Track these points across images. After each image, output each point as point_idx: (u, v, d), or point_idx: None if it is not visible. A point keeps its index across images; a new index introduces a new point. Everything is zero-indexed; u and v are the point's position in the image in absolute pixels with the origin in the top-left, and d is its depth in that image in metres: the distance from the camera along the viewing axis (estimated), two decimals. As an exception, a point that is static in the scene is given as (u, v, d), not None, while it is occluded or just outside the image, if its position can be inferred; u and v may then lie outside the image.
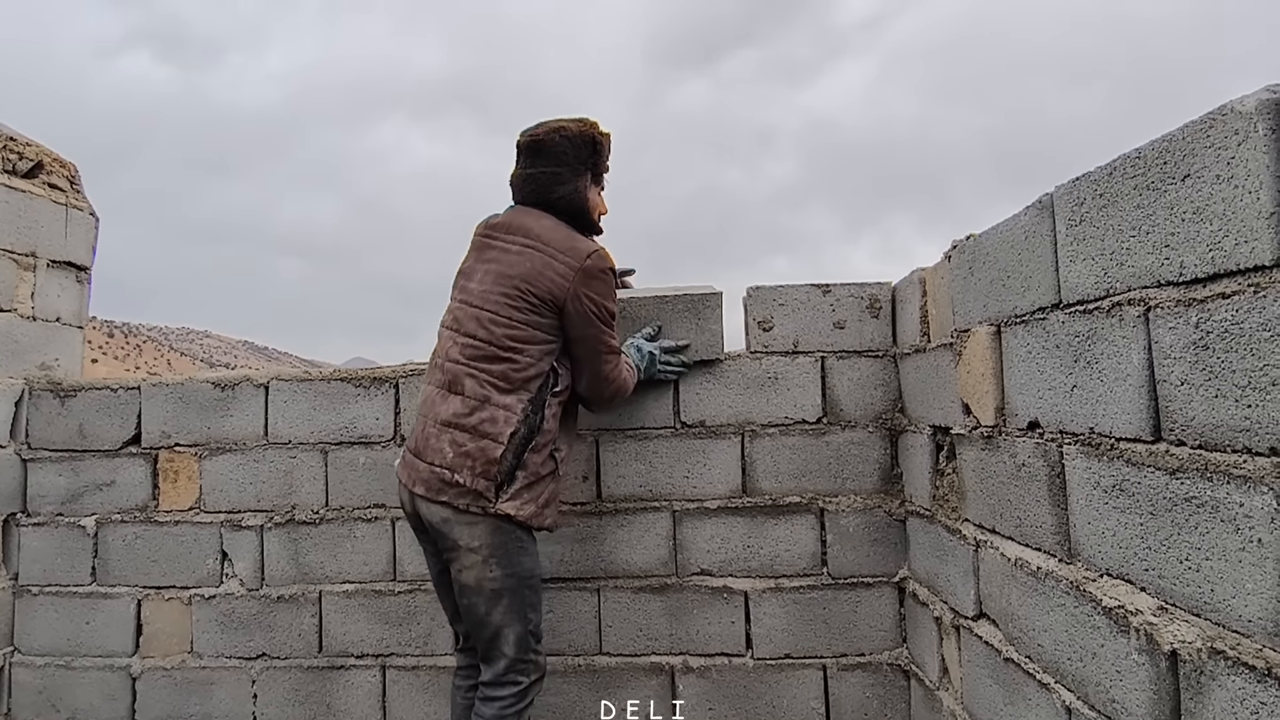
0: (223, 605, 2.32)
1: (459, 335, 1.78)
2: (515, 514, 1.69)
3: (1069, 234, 1.23)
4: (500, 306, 1.74)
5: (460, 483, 1.68)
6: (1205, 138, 0.91)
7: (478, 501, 1.68)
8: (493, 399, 1.71)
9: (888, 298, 2.18)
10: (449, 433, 1.72)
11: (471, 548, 1.69)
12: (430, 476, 1.71)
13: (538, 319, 1.74)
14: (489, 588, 1.69)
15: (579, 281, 1.74)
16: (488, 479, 1.68)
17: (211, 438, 2.37)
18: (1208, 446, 0.93)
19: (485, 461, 1.68)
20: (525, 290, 1.73)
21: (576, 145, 1.84)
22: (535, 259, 1.75)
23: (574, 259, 1.75)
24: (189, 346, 67.58)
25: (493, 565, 1.69)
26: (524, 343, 1.73)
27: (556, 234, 1.79)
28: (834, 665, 2.12)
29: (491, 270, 1.79)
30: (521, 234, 1.80)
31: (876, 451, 2.15)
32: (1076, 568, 1.24)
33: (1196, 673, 0.95)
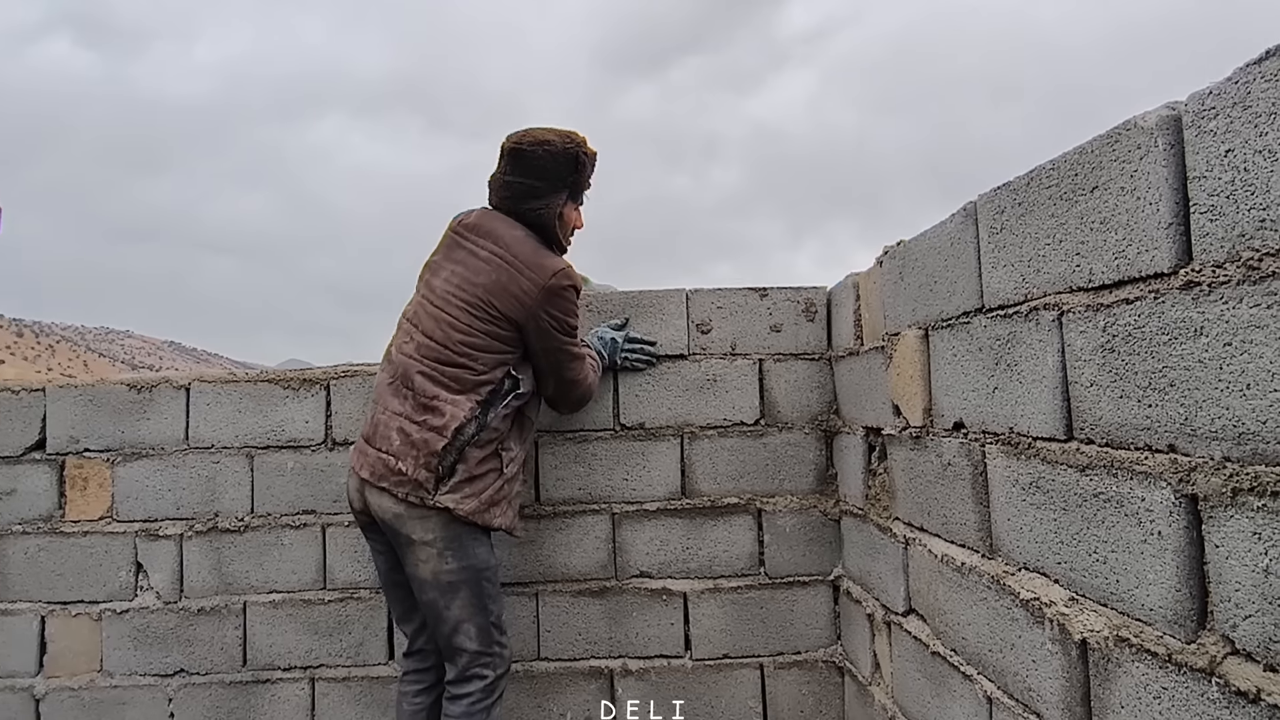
0: (136, 620, 2.20)
1: (416, 332, 1.79)
2: (454, 508, 1.69)
3: (991, 241, 1.28)
4: (460, 313, 1.75)
5: (402, 470, 1.69)
6: (1111, 151, 0.96)
7: (417, 491, 1.68)
8: (441, 396, 1.72)
9: (823, 301, 2.23)
10: (399, 421, 1.74)
11: (425, 541, 1.70)
12: (377, 462, 1.73)
13: (496, 330, 1.75)
14: (445, 580, 1.70)
15: (542, 299, 1.75)
16: (428, 470, 1.69)
17: (126, 443, 2.24)
18: (1114, 444, 0.98)
19: (428, 453, 1.69)
20: (488, 302, 1.74)
21: (558, 161, 1.81)
22: (502, 271, 1.75)
23: (540, 276, 1.75)
24: (108, 347, 64.01)
25: (448, 558, 1.70)
26: (479, 350, 1.74)
27: (525, 247, 1.78)
28: (771, 664, 2.15)
29: (457, 273, 1.79)
30: (492, 240, 1.80)
31: (812, 452, 2.19)
32: (997, 562, 1.29)
33: (1104, 660, 1.00)
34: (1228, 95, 0.78)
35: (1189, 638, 0.86)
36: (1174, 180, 0.86)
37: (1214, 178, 0.80)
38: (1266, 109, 0.73)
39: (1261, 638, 0.76)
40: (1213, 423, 0.81)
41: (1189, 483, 0.85)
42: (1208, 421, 0.81)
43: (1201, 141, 0.82)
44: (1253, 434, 0.76)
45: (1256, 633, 0.77)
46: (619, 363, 2.13)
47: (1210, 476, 0.81)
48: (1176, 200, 0.86)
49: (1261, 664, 0.76)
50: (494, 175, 1.87)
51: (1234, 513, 0.79)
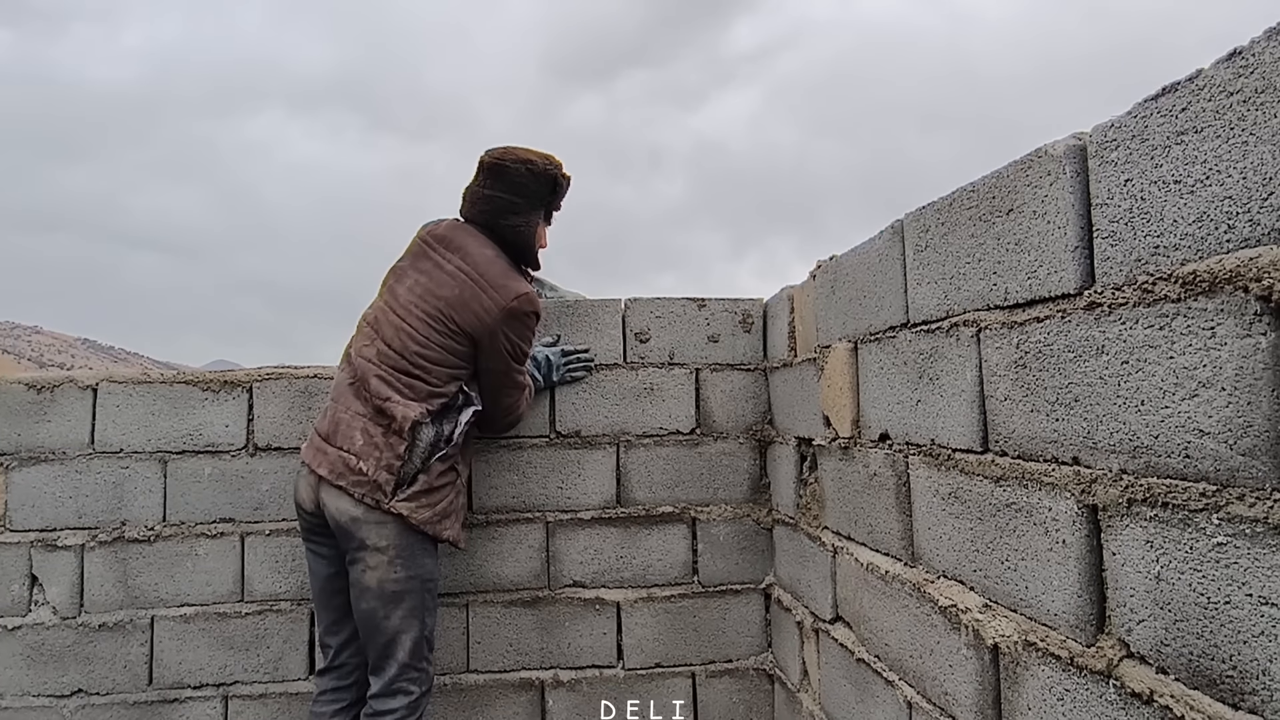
0: (29, 637, 2.04)
1: (376, 338, 1.79)
2: (409, 515, 1.68)
3: (916, 258, 1.32)
4: (420, 324, 1.75)
5: (363, 470, 1.67)
6: (1025, 176, 1.00)
7: (374, 493, 1.67)
8: (393, 399, 1.71)
9: (759, 313, 2.26)
10: (362, 421, 1.72)
11: (379, 547, 1.68)
12: (337, 460, 1.71)
13: (453, 344, 1.75)
14: (390, 589, 1.68)
15: (502, 319, 1.75)
16: (390, 473, 1.68)
17: (23, 446, 2.09)
18: (1024, 456, 1.02)
19: (390, 455, 1.68)
20: (448, 315, 1.74)
21: (539, 180, 1.84)
22: (466, 287, 1.75)
23: (503, 297, 1.75)
24: (14, 344, 59.81)
25: (397, 566, 1.68)
26: (434, 363, 1.74)
27: (494, 267, 1.79)
28: (703, 672, 2.16)
29: (421, 283, 1.80)
30: (460, 255, 1.80)
31: (747, 462, 2.22)
32: (919, 570, 1.33)
33: (1013, 664, 1.04)
34: (1127, 128, 0.83)
35: (1089, 641, 0.90)
36: (1080, 206, 0.91)
37: (1115, 205, 0.85)
38: (1162, 142, 0.78)
39: (1154, 641, 0.80)
40: (1111, 436, 0.85)
41: (1090, 494, 0.89)
42: (1107, 435, 0.86)
43: (1104, 171, 0.86)
44: (1146, 447, 0.80)
45: (1149, 636, 0.81)
46: (558, 379, 2.12)
47: (1109, 488, 0.86)
48: (1082, 225, 0.90)
49: (1154, 666, 0.81)
50: (471, 188, 1.87)
51: (1129, 522, 0.83)
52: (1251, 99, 0.68)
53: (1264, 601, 0.67)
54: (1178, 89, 0.76)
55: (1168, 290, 0.77)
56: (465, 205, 1.88)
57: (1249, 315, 0.68)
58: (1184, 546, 0.76)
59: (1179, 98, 0.76)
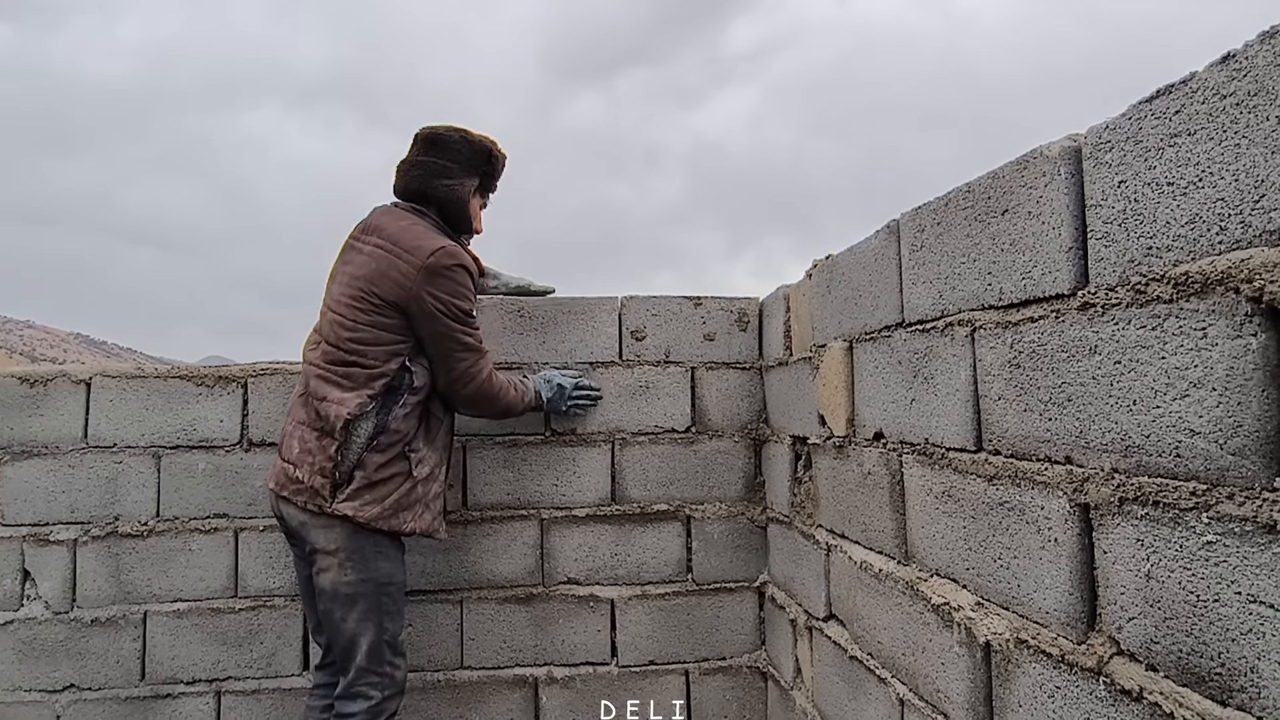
0: (21, 632, 2.04)
1: (320, 341, 1.79)
2: (354, 515, 1.66)
3: (911, 258, 1.33)
4: (346, 310, 1.74)
5: (300, 479, 1.68)
6: (1020, 177, 1.01)
7: (314, 500, 1.67)
8: (330, 396, 1.70)
9: (755, 312, 2.27)
10: (300, 430, 1.73)
11: (328, 550, 1.67)
12: (280, 472, 1.74)
13: (382, 319, 1.71)
14: (344, 592, 1.67)
15: (421, 280, 1.69)
16: (324, 476, 1.67)
17: (15, 440, 2.08)
18: (1018, 455, 1.03)
19: (325, 459, 1.67)
20: (369, 292, 1.72)
21: (473, 149, 1.88)
22: (381, 260, 1.74)
23: (417, 258, 1.71)
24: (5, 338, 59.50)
25: (348, 569, 1.67)
26: (367, 344, 1.71)
27: (407, 233, 1.76)
28: (696, 670, 2.17)
29: (346, 273, 1.79)
30: (377, 235, 1.79)
31: (742, 460, 2.23)
32: (912, 569, 1.33)
33: (1005, 662, 1.05)
34: (1122, 130, 0.83)
35: (1080, 639, 0.91)
36: (1074, 207, 0.91)
37: (1109, 206, 0.85)
38: (1155, 144, 0.79)
39: (1144, 639, 0.81)
40: (1103, 436, 0.86)
41: (1082, 492, 0.90)
42: (1099, 435, 0.87)
43: (1098, 172, 0.87)
44: (1138, 447, 0.81)
45: (1139, 634, 0.82)
46: (564, 409, 2.08)
47: (1100, 486, 0.86)
48: (1076, 226, 0.91)
49: (1144, 664, 0.81)
50: (404, 160, 1.89)
51: (1120, 521, 0.84)
52: (1244, 102, 0.68)
53: (1253, 599, 0.68)
54: (1172, 91, 0.77)
55: (1160, 291, 0.78)
56: (398, 178, 1.88)
57: (1240, 316, 0.68)
58: (1174, 545, 0.77)
59: (1173, 100, 0.76)
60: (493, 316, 2.16)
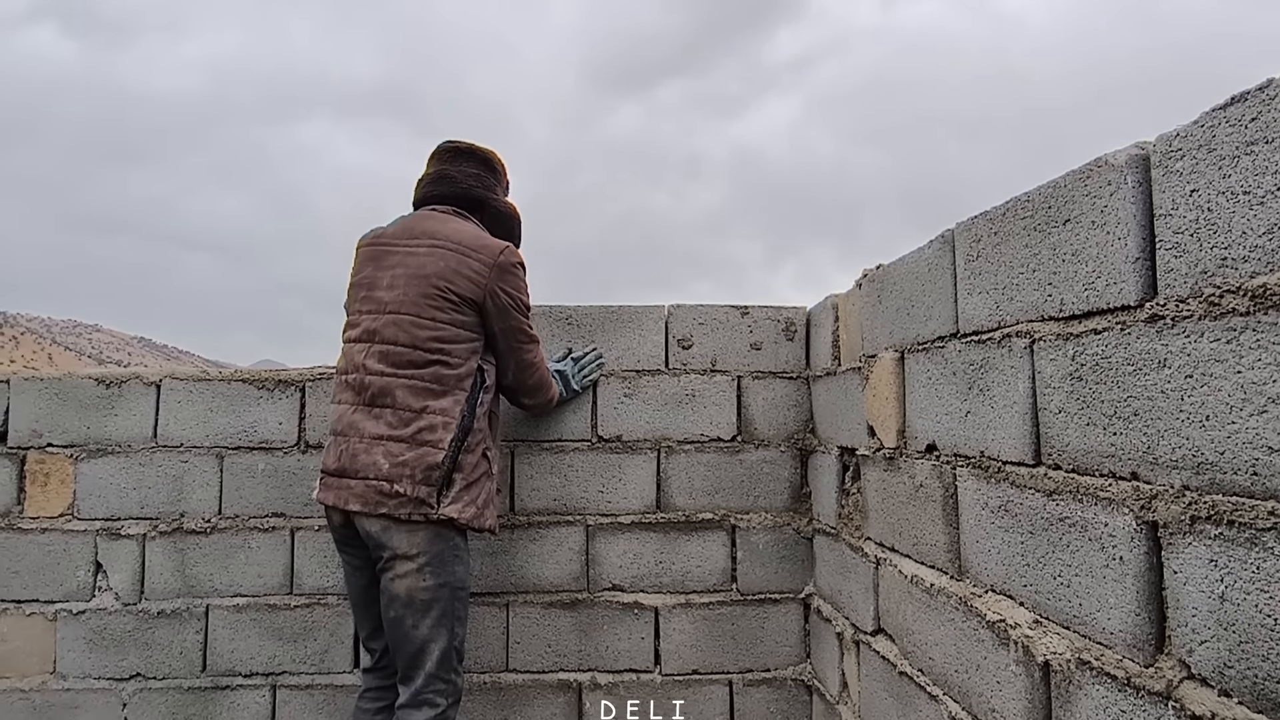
0: (93, 621, 2.14)
1: (376, 344, 1.73)
2: (458, 517, 1.68)
3: (967, 268, 1.31)
4: (421, 308, 1.71)
5: (401, 492, 1.64)
6: (1083, 186, 0.99)
7: (420, 509, 1.65)
8: (430, 407, 1.68)
9: (802, 321, 2.25)
10: (382, 445, 1.67)
11: (409, 555, 1.66)
12: (366, 491, 1.66)
13: (460, 317, 1.72)
14: (420, 598, 1.66)
15: (495, 277, 1.74)
16: (429, 485, 1.66)
17: (91, 438, 2.19)
18: (1079, 470, 1.00)
19: (425, 468, 1.66)
20: (445, 289, 1.71)
21: (495, 162, 1.94)
22: (449, 258, 1.73)
23: (488, 255, 1.75)
24: (75, 340, 62.79)
25: (427, 574, 1.66)
26: (450, 342, 1.71)
27: (465, 234, 1.78)
28: (740, 681, 2.15)
29: (400, 275, 1.75)
30: (428, 237, 1.77)
31: (788, 470, 2.21)
32: (965, 584, 1.31)
33: (1065, 682, 1.02)
34: (1194, 137, 0.81)
35: (1147, 661, 0.88)
36: (1141, 217, 0.89)
37: (1179, 216, 0.83)
38: (1230, 152, 0.76)
39: (1217, 663, 0.78)
40: (1173, 452, 0.83)
41: (1150, 510, 0.87)
42: (1169, 451, 0.84)
43: (1168, 181, 0.85)
44: (1211, 464, 0.78)
45: (1212, 658, 0.79)
46: (579, 386, 2.13)
47: (1170, 504, 0.84)
48: (1143, 236, 0.89)
49: (1216, 689, 0.79)
50: (434, 171, 1.89)
51: (1192, 540, 0.81)
52: (1327, 109, 0.66)
53: (1337, 625, 0.65)
54: (1247, 99, 0.74)
55: (1236, 303, 0.75)
56: (430, 186, 1.87)
57: (1323, 330, 0.66)
58: (1250, 566, 0.74)
59: (1248, 107, 0.74)
60: (541, 324, 2.19)
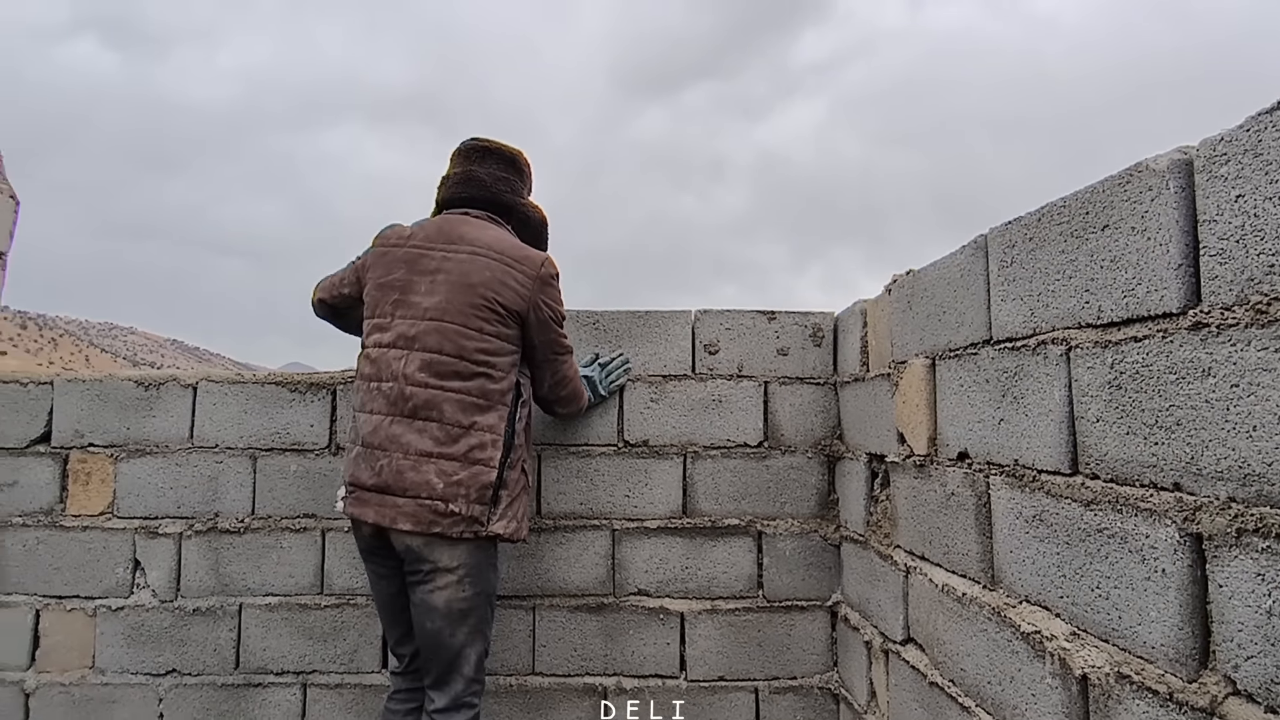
0: (131, 618, 2.19)
1: (414, 353, 1.67)
2: (503, 532, 1.69)
3: (1000, 274, 1.29)
4: (468, 318, 1.67)
5: (456, 511, 1.63)
6: (1123, 191, 0.97)
7: (472, 527, 1.64)
8: (478, 423, 1.67)
9: (830, 327, 2.24)
10: (433, 463, 1.63)
11: (450, 568, 1.64)
12: (419, 510, 1.62)
13: (503, 329, 1.70)
14: (458, 608, 1.66)
15: (537, 289, 1.73)
16: (483, 504, 1.66)
17: (130, 439, 2.25)
18: (1119, 480, 0.98)
19: (480, 487, 1.65)
20: (491, 300, 1.68)
21: (521, 161, 1.90)
22: (494, 267, 1.69)
23: (530, 268, 1.73)
24: (111, 343, 64.46)
25: (466, 585, 1.66)
26: (495, 355, 1.69)
27: (505, 243, 1.75)
28: (766, 688, 2.14)
29: (441, 281, 1.69)
30: (466, 243, 1.72)
31: (815, 477, 2.20)
32: (999, 594, 1.29)
33: (1104, 696, 1.00)
34: (1239, 142, 0.79)
35: (1190, 676, 0.86)
36: (1184, 222, 0.87)
37: (1224, 222, 0.82)
38: (1277, 156, 0.75)
39: (1263, 679, 0.76)
40: (1218, 463, 0.82)
41: (1194, 521, 0.85)
42: (1213, 461, 0.82)
43: (1212, 186, 0.83)
44: (1258, 475, 0.77)
45: (1258, 674, 0.77)
46: (606, 391, 2.13)
47: (1215, 516, 0.82)
48: (1186, 242, 0.87)
49: (1263, 705, 0.77)
50: (460, 171, 1.83)
51: (1238, 553, 0.79)
52: (1382, 113, 0.64)
53: (1393, 643, 0.63)
54: (1297, 102, 0.73)
55: (1284, 311, 0.74)
56: (455, 187, 1.82)
57: (1378, 339, 0.64)
58: (1300, 581, 0.72)
59: (1298, 111, 0.73)
60: (569, 329, 2.18)
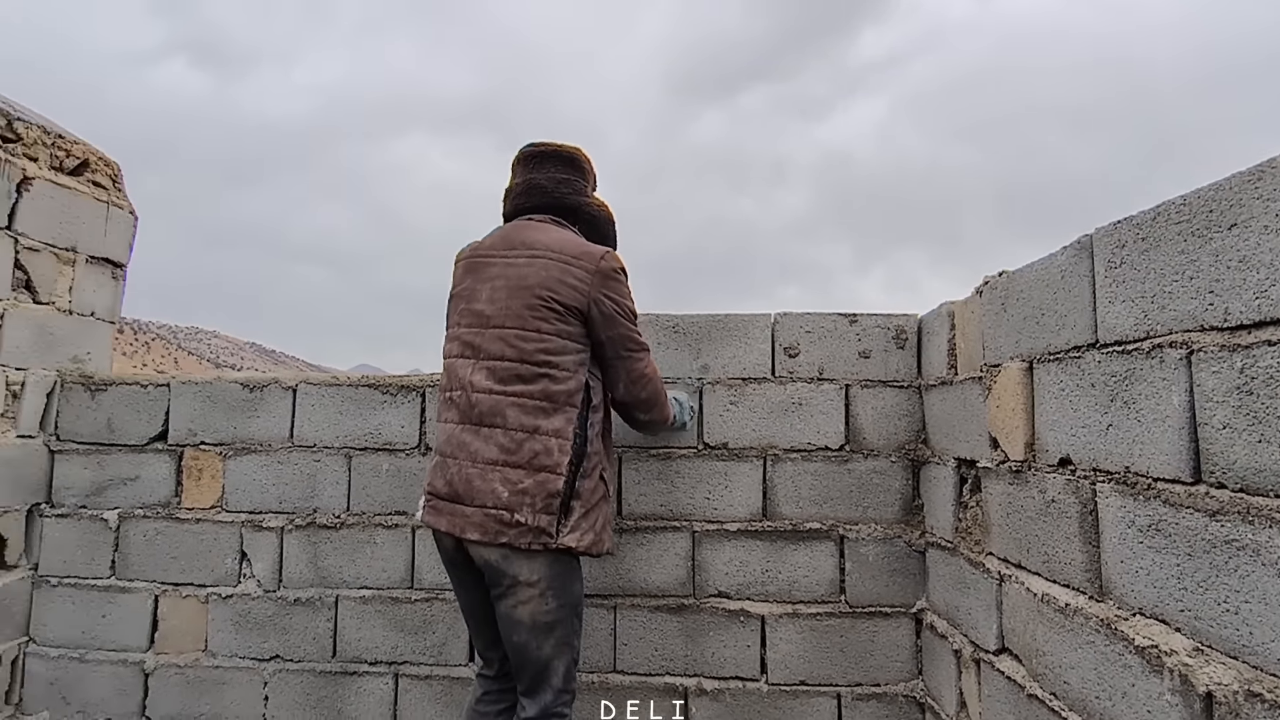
0: (239, 605, 2.33)
1: (479, 361, 1.67)
2: (576, 545, 1.62)
3: (1108, 275, 1.25)
4: (525, 319, 1.65)
5: (521, 522, 1.58)
6: (1254, 189, 0.93)
7: (539, 538, 1.59)
8: (541, 427, 1.62)
9: (914, 329, 2.20)
10: (499, 471, 1.61)
11: (530, 582, 1.61)
12: (485, 520, 1.60)
13: (565, 327, 1.66)
14: (543, 621, 1.62)
15: (598, 283, 1.67)
16: (549, 514, 1.60)
17: (237, 438, 2.40)
18: (1249, 490, 0.94)
19: (545, 496, 1.60)
20: (548, 298, 1.65)
21: (580, 159, 1.85)
22: (550, 266, 1.67)
23: (589, 262, 1.68)
24: (196, 346, 68.25)
25: (549, 598, 1.62)
26: (557, 354, 1.65)
27: (569, 242, 1.72)
28: (849, 694, 2.12)
29: (500, 286, 1.69)
30: (525, 247, 1.71)
31: (898, 481, 2.16)
32: (1108, 605, 1.25)
33: (1232, 715, 0.96)
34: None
35: (1336, 697, 0.82)
36: (1327, 221, 0.83)
37: (1376, 220, 0.78)
38: None
39: None
40: (1370, 473, 0.78)
41: (1340, 534, 0.81)
42: (1364, 472, 0.78)
43: (1361, 183, 0.79)
44: None
45: None
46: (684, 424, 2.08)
47: (1366, 529, 0.78)
48: (1330, 242, 0.83)
49: None
50: (521, 181, 1.82)
51: (1394, 568, 0.75)
52: None
53: None
54: None
55: None
56: (518, 198, 1.82)
57: None
58: None
59: None
60: (648, 332, 2.23)
